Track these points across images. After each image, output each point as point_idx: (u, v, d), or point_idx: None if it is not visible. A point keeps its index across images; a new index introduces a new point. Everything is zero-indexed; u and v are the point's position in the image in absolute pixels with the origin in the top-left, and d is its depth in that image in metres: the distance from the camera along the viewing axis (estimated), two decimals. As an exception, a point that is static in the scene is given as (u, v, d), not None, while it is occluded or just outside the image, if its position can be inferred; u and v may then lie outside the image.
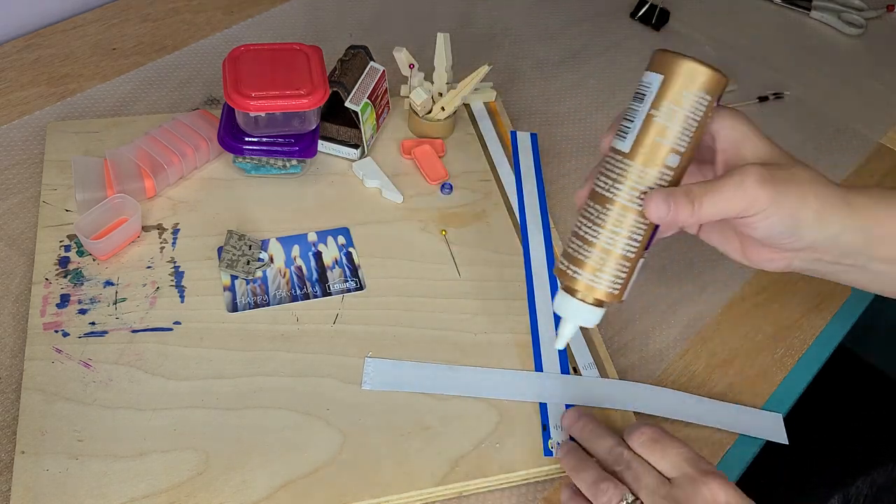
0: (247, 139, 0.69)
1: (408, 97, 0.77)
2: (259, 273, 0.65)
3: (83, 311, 0.61)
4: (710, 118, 0.50)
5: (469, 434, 0.57)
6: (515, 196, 0.74)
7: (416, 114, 0.77)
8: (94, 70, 0.85)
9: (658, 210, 0.48)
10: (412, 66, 0.76)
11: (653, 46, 0.96)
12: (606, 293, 0.50)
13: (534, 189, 0.74)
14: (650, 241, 0.51)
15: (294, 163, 0.72)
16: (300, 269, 0.66)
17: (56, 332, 0.60)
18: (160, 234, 0.67)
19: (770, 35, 1.02)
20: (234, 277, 0.64)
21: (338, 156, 0.75)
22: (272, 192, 0.72)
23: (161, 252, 0.66)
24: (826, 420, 0.88)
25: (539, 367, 0.61)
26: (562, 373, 0.61)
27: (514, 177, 0.75)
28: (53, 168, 0.71)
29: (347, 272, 0.66)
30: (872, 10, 1.06)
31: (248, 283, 0.64)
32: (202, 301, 0.63)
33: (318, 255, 0.67)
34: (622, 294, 0.51)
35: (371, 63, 0.75)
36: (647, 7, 1.00)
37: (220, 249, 0.66)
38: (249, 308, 0.63)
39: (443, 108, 0.76)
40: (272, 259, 0.66)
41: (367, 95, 0.72)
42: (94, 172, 0.68)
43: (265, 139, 0.69)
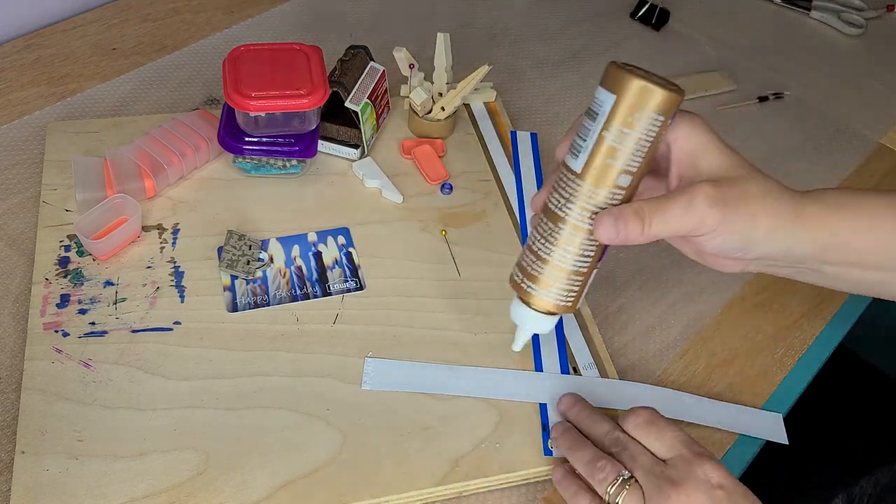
0: (247, 139, 0.69)
1: (408, 97, 0.77)
2: (259, 273, 0.65)
3: (83, 311, 0.61)
4: (665, 134, 0.49)
5: (469, 434, 0.57)
6: (515, 196, 0.74)
7: (416, 114, 0.77)
8: (94, 70, 0.85)
9: (608, 233, 0.48)
10: (412, 66, 0.76)
11: (653, 46, 0.97)
12: (560, 306, 0.52)
13: (534, 189, 0.74)
14: (603, 254, 0.52)
15: (294, 163, 0.72)
16: (300, 269, 0.66)
17: (56, 332, 0.60)
18: (160, 234, 0.67)
19: (770, 35, 1.02)
20: (234, 277, 0.64)
21: (338, 156, 0.75)
22: (272, 192, 0.72)
23: (161, 252, 0.66)
24: (826, 420, 0.88)
25: (539, 367, 0.61)
26: (562, 373, 0.61)
27: (514, 177, 0.75)
28: (53, 168, 0.71)
29: (347, 272, 0.66)
30: (872, 10, 1.06)
31: (248, 283, 0.64)
32: (202, 301, 0.63)
33: (318, 255, 0.67)
34: (575, 305, 0.53)
35: (371, 63, 0.75)
36: (647, 7, 1.00)
37: (220, 249, 0.66)
38: (249, 308, 0.63)
39: (443, 108, 0.76)
40: (272, 259, 0.66)
41: (367, 95, 0.72)
42: (94, 172, 0.68)
43: (265, 139, 0.69)
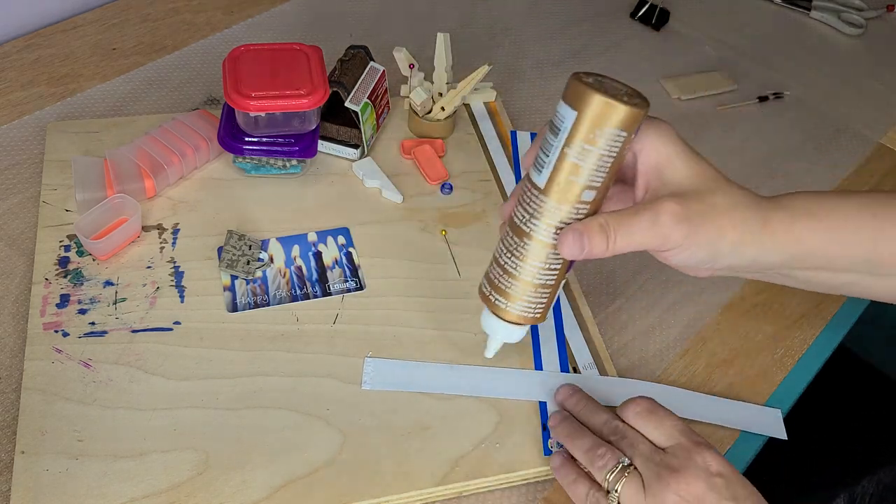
0: (247, 139, 0.69)
1: (408, 97, 0.77)
2: (259, 273, 0.65)
3: (83, 311, 0.61)
4: (629, 148, 0.49)
5: (469, 434, 0.57)
6: (515, 196, 0.74)
7: (416, 114, 0.77)
8: (94, 70, 0.85)
9: (572, 249, 0.48)
10: (412, 66, 0.76)
11: (653, 46, 0.97)
12: (528, 318, 0.53)
13: (534, 189, 0.74)
14: (571, 265, 0.52)
15: (294, 163, 0.72)
16: (300, 269, 0.66)
17: (56, 332, 0.60)
18: (160, 234, 0.67)
19: (770, 35, 1.02)
20: (234, 277, 0.64)
21: (338, 156, 0.75)
22: (272, 192, 0.72)
23: (161, 252, 0.66)
24: (826, 420, 0.88)
25: (539, 367, 0.61)
26: (561, 372, 0.61)
27: (514, 177, 0.75)
28: (53, 168, 0.71)
29: (347, 272, 0.66)
30: (872, 10, 1.06)
31: (248, 283, 0.64)
32: (202, 301, 0.63)
33: (318, 255, 0.67)
34: (544, 315, 0.54)
35: (371, 63, 0.75)
36: (647, 7, 1.00)
37: (220, 249, 0.66)
38: (249, 308, 0.63)
39: (443, 108, 0.76)
40: (272, 259, 0.66)
41: (367, 95, 0.72)
42: (94, 172, 0.68)
43: (265, 139, 0.69)
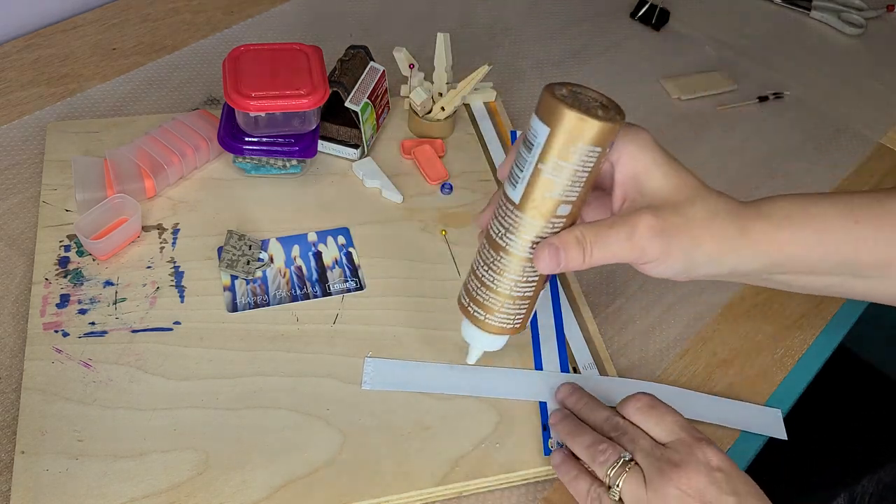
0: (247, 139, 0.69)
1: (408, 97, 0.77)
2: (259, 273, 0.65)
3: (83, 311, 0.61)
4: (606, 160, 0.48)
5: (469, 434, 0.57)
6: (515, 196, 0.74)
7: (416, 114, 0.77)
8: (94, 70, 0.85)
9: (549, 264, 0.48)
10: (412, 66, 0.76)
11: (653, 46, 0.97)
12: (507, 329, 0.53)
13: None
14: (549, 276, 0.52)
15: (294, 163, 0.72)
16: (300, 269, 0.66)
17: (56, 332, 0.60)
18: (160, 234, 0.67)
19: (770, 35, 1.02)
20: (234, 277, 0.64)
21: (338, 156, 0.75)
22: (272, 192, 0.72)
23: (161, 252, 0.66)
24: (826, 420, 0.88)
25: (539, 367, 0.61)
26: (561, 372, 0.61)
27: (514, 177, 0.75)
28: (53, 168, 0.71)
29: (347, 272, 0.66)
30: (872, 10, 1.06)
31: (248, 283, 0.64)
32: (202, 301, 0.63)
33: (318, 255, 0.67)
34: (524, 325, 0.54)
35: (371, 63, 0.75)
36: (647, 7, 1.00)
37: (220, 249, 0.66)
38: (249, 308, 0.63)
39: (443, 108, 0.76)
40: (272, 259, 0.66)
41: (367, 95, 0.72)
42: (94, 172, 0.68)
43: (265, 139, 0.69)
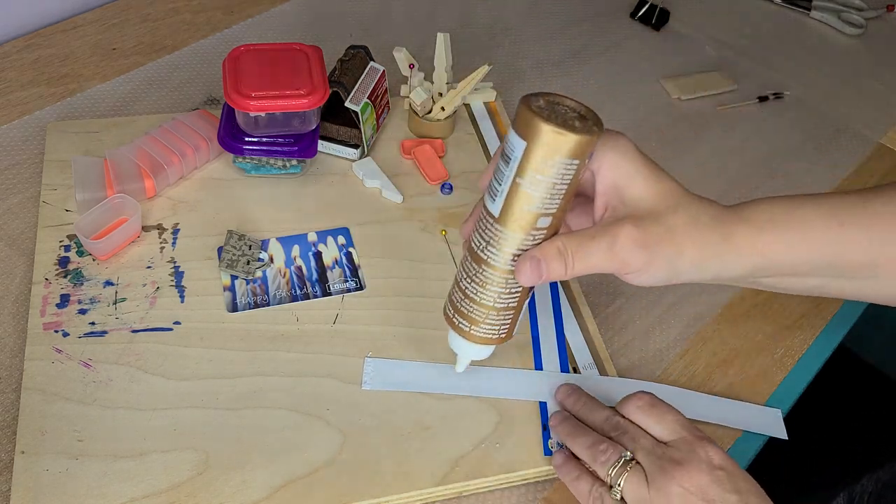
0: (247, 139, 0.69)
1: (408, 97, 0.77)
2: (259, 273, 0.65)
3: (83, 311, 0.61)
4: (586, 170, 0.48)
5: (469, 434, 0.57)
6: (515, 196, 0.74)
7: (416, 114, 0.77)
8: (94, 70, 0.85)
9: (530, 277, 0.48)
10: (412, 66, 0.76)
11: (653, 46, 0.97)
12: (493, 339, 0.53)
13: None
14: (533, 286, 0.52)
15: (294, 163, 0.72)
16: (300, 269, 0.66)
17: (56, 332, 0.60)
18: (160, 234, 0.67)
19: (770, 35, 1.02)
20: (234, 277, 0.64)
21: (338, 156, 0.75)
22: (272, 192, 0.72)
23: (161, 252, 0.66)
24: (826, 420, 0.88)
25: (539, 367, 0.61)
26: (561, 372, 0.61)
27: (514, 177, 0.75)
28: (53, 168, 0.71)
29: (347, 272, 0.66)
30: (872, 10, 1.06)
31: (248, 283, 0.64)
32: (202, 301, 0.63)
33: (318, 255, 0.67)
34: (510, 335, 0.53)
35: (371, 63, 0.75)
36: (647, 7, 1.00)
37: (220, 249, 0.66)
38: (249, 308, 0.63)
39: (443, 108, 0.76)
40: (272, 259, 0.66)
41: (367, 95, 0.72)
42: (94, 172, 0.68)
43: (265, 139, 0.69)
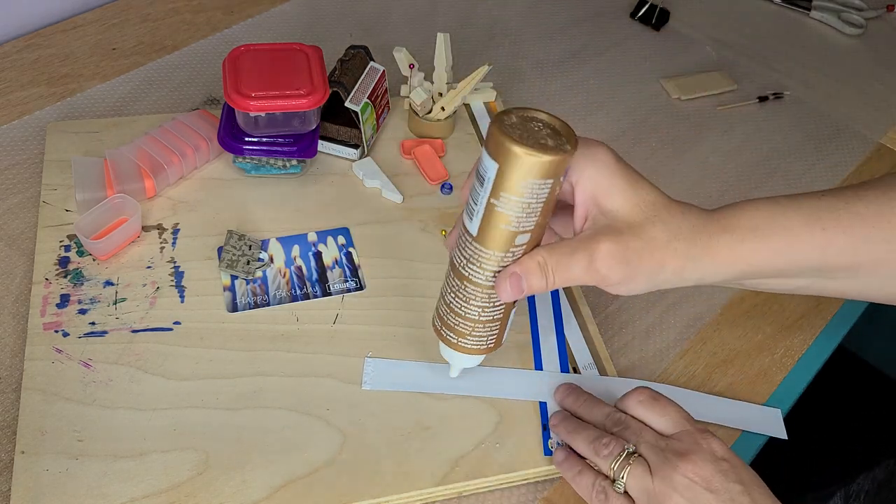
0: (247, 139, 0.69)
1: (408, 97, 0.77)
2: (259, 273, 0.65)
3: (83, 311, 0.61)
4: (562, 185, 0.47)
5: (469, 434, 0.57)
6: (515, 196, 0.74)
7: (416, 114, 0.77)
8: (94, 70, 0.85)
9: (511, 294, 0.48)
10: (412, 66, 0.76)
11: (653, 46, 0.97)
12: (482, 349, 0.53)
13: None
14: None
15: (294, 163, 0.72)
16: (300, 269, 0.66)
17: (56, 332, 0.60)
18: (160, 234, 0.67)
19: (770, 35, 1.02)
20: (234, 277, 0.64)
21: (338, 156, 0.75)
22: (272, 192, 0.72)
23: (161, 252, 0.66)
24: (826, 420, 0.88)
25: (539, 367, 0.61)
26: (561, 372, 0.61)
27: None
28: (53, 168, 0.71)
29: (347, 272, 0.66)
30: (872, 10, 1.06)
31: (248, 283, 0.64)
32: (202, 301, 0.63)
33: (318, 255, 0.67)
34: (498, 343, 0.54)
35: (371, 63, 0.75)
36: (647, 7, 1.00)
37: (220, 249, 0.66)
38: (249, 308, 0.63)
39: (443, 108, 0.76)
40: (272, 259, 0.66)
41: (367, 95, 0.72)
42: (94, 172, 0.68)
43: (265, 139, 0.69)
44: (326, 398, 0.58)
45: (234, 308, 0.63)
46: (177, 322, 0.61)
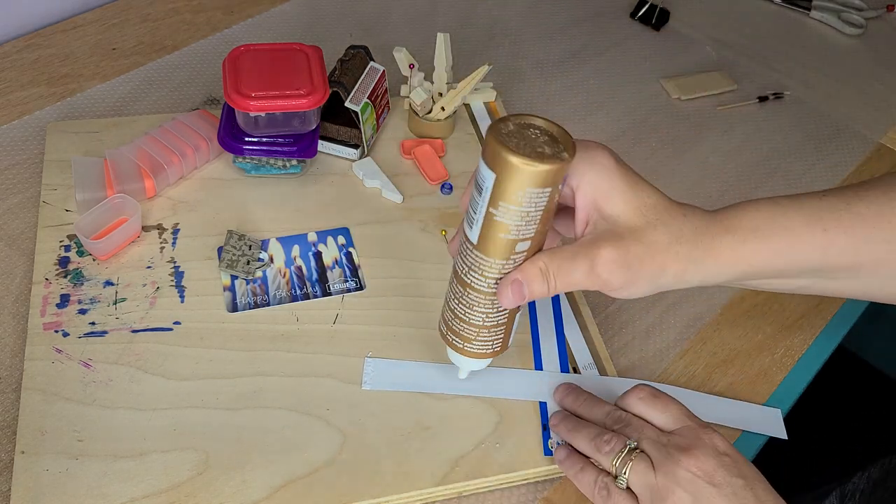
0: (247, 139, 0.69)
1: (408, 97, 0.77)
2: (259, 273, 0.65)
3: (83, 311, 0.61)
4: (561, 190, 0.47)
5: (469, 434, 0.57)
6: (515, 196, 0.74)
7: (416, 114, 0.77)
8: (94, 70, 0.85)
9: (513, 300, 0.48)
10: (412, 66, 0.76)
11: (653, 46, 0.97)
12: (488, 353, 0.54)
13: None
14: None
15: (294, 163, 0.72)
16: (300, 269, 0.66)
17: (56, 332, 0.60)
18: (160, 234, 0.67)
19: (770, 35, 1.02)
20: (234, 277, 0.64)
21: (338, 156, 0.75)
22: (272, 192, 0.72)
23: (161, 252, 0.66)
24: (826, 420, 0.88)
25: (539, 367, 0.61)
26: (561, 372, 0.61)
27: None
28: (53, 168, 0.71)
29: (347, 272, 0.66)
30: (872, 10, 1.06)
31: (248, 283, 0.64)
32: (202, 301, 0.63)
33: (318, 255, 0.67)
34: (504, 347, 0.54)
35: (371, 63, 0.75)
36: (647, 7, 1.00)
37: (220, 249, 0.66)
38: (249, 308, 0.63)
39: (443, 108, 0.76)
40: (272, 259, 0.66)
41: (367, 95, 0.72)
42: (94, 172, 0.68)
43: (265, 139, 0.69)
44: (326, 398, 0.58)
45: (234, 308, 0.63)
46: (177, 322, 0.61)
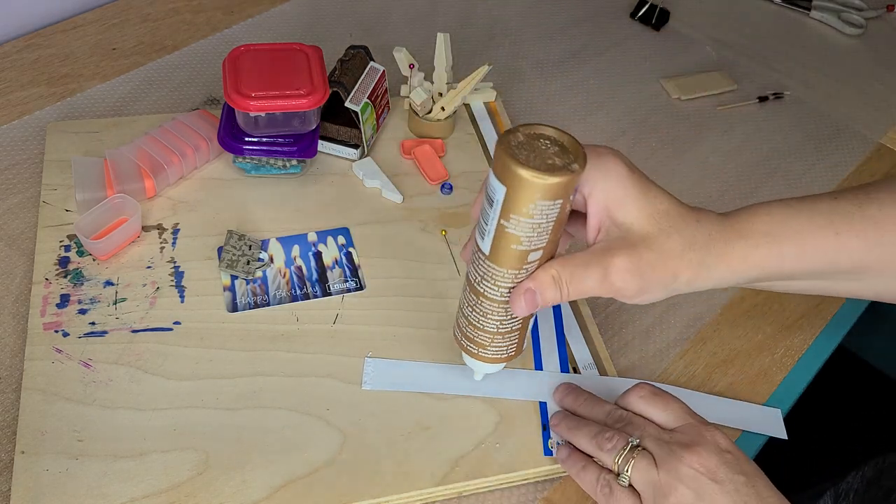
0: (247, 139, 0.69)
1: (408, 97, 0.77)
2: (259, 273, 0.65)
3: (83, 311, 0.61)
4: (570, 205, 0.47)
5: (469, 434, 0.57)
6: (515, 196, 0.74)
7: (416, 114, 0.77)
8: (94, 70, 0.85)
9: (525, 309, 0.48)
10: (412, 66, 0.76)
11: (653, 46, 0.97)
12: (503, 358, 0.54)
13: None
14: None
15: (294, 163, 0.72)
16: (300, 269, 0.66)
17: (56, 332, 0.60)
18: (160, 234, 0.67)
19: (770, 35, 1.02)
20: (234, 277, 0.64)
21: (338, 156, 0.75)
22: (272, 192, 0.72)
23: (161, 252, 0.66)
24: (826, 420, 0.88)
25: (539, 367, 0.61)
26: (561, 372, 0.61)
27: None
28: (53, 168, 0.71)
29: (347, 272, 0.66)
30: (872, 10, 1.06)
31: (248, 283, 0.64)
32: (202, 301, 0.63)
33: (318, 255, 0.67)
34: (519, 351, 0.54)
35: (371, 63, 0.75)
36: (647, 7, 1.00)
37: (220, 249, 0.66)
38: (249, 308, 0.63)
39: (443, 108, 0.76)
40: (272, 259, 0.66)
41: (367, 95, 0.72)
42: (94, 172, 0.68)
43: (265, 139, 0.69)
44: (326, 398, 0.58)
45: (234, 308, 0.63)
46: (177, 322, 0.61)
